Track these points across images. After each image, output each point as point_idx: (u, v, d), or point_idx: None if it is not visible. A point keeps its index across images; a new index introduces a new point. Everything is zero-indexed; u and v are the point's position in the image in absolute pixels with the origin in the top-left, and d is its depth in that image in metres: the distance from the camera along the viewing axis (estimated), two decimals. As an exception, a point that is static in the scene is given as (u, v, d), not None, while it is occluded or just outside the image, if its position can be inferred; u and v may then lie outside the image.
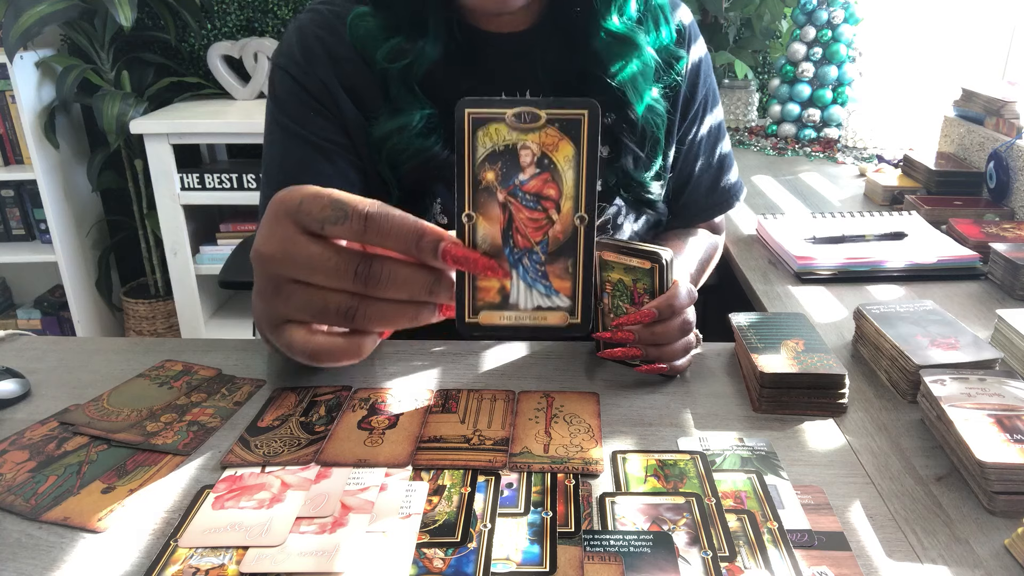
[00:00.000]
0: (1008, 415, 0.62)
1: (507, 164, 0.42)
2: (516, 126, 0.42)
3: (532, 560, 0.52)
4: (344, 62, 0.81)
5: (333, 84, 0.81)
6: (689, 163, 0.95)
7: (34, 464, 0.63)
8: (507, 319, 0.45)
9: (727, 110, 2.13)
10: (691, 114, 0.92)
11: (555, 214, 0.43)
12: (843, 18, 1.87)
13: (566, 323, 0.45)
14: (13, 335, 0.87)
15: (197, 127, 2.14)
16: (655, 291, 0.74)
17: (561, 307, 0.44)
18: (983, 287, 1.03)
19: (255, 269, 0.46)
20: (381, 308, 0.43)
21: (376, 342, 0.45)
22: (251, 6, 2.41)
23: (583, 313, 0.44)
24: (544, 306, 0.44)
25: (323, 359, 0.45)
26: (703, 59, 0.93)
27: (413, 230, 0.41)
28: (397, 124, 0.79)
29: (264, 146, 0.84)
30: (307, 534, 0.55)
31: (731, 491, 0.59)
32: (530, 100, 0.42)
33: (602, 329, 0.79)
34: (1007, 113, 1.41)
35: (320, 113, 0.81)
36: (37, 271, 2.60)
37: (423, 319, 0.44)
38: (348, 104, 0.81)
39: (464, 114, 0.41)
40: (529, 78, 0.82)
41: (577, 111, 0.42)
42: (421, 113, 0.79)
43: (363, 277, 0.42)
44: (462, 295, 0.44)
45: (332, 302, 0.43)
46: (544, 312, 0.45)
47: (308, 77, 0.81)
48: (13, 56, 2.10)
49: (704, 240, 0.98)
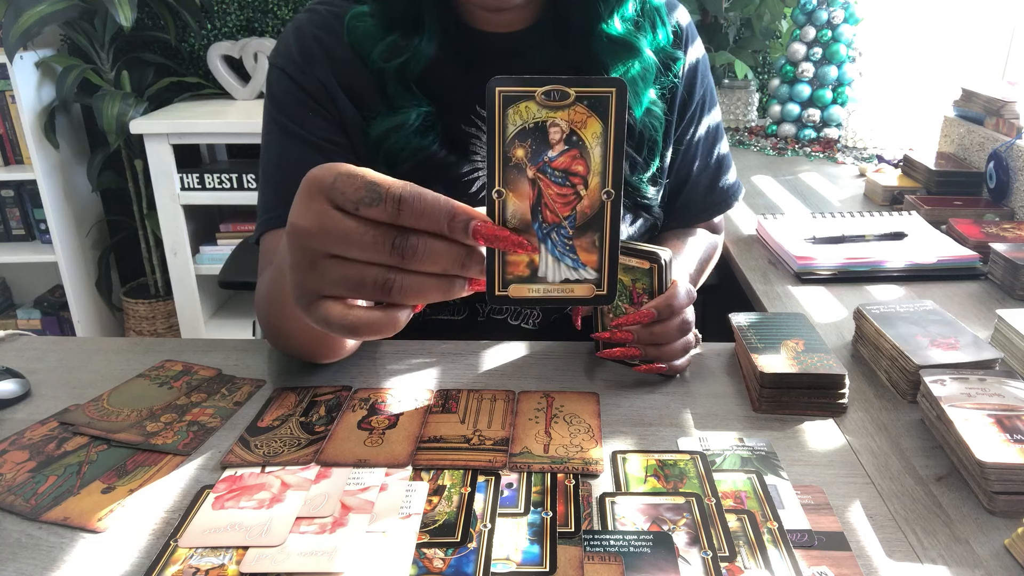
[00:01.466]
0: (1008, 415, 0.62)
1: (536, 141, 0.43)
2: (545, 104, 0.43)
3: (532, 560, 0.52)
4: (342, 62, 0.81)
5: (331, 83, 0.81)
6: (687, 164, 0.95)
7: (34, 464, 0.63)
8: (536, 292, 0.46)
9: (727, 110, 2.13)
10: (688, 115, 0.92)
11: (583, 190, 0.44)
12: (843, 18, 1.87)
13: (592, 294, 0.46)
14: (13, 335, 0.87)
15: (197, 127, 2.14)
16: (654, 291, 0.74)
17: (588, 279, 0.46)
18: (983, 287, 1.03)
19: (290, 244, 0.46)
20: (416, 281, 0.44)
21: (409, 316, 0.46)
22: (251, 6, 2.41)
23: (609, 284, 0.46)
24: (572, 279, 0.46)
25: (361, 332, 0.45)
26: (701, 60, 0.93)
27: (445, 210, 0.42)
28: (394, 122, 0.79)
29: (262, 146, 0.84)
30: (307, 534, 0.55)
31: (731, 491, 0.59)
32: (560, 78, 0.43)
33: (601, 329, 0.79)
34: (1007, 113, 1.41)
35: (318, 113, 0.81)
36: (37, 271, 2.60)
37: (455, 292, 0.45)
38: (346, 103, 0.81)
39: (495, 92, 0.42)
40: (525, 72, 0.82)
41: (605, 89, 0.43)
42: (418, 111, 0.79)
43: (400, 250, 0.43)
44: (492, 269, 0.45)
45: (369, 275, 0.43)
46: (572, 285, 0.46)
47: (305, 77, 0.81)
48: (13, 56, 2.10)
49: (703, 240, 0.98)
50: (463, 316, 0.91)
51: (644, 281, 0.74)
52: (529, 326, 0.92)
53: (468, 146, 0.84)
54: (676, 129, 0.92)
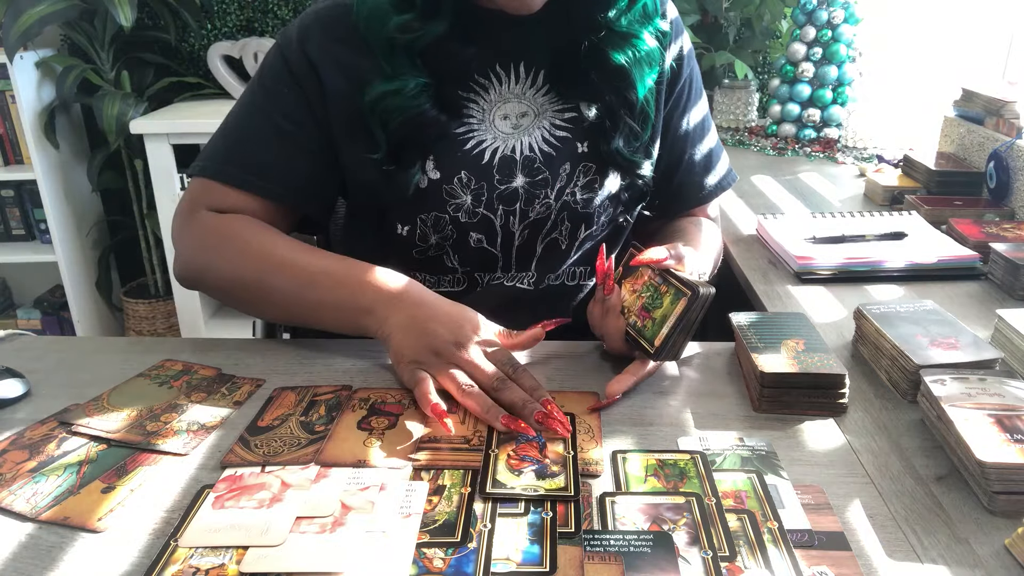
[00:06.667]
0: (1008, 415, 0.62)
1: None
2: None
3: (532, 560, 0.52)
4: (341, 41, 0.84)
5: (319, 58, 0.84)
6: (679, 146, 0.97)
7: (34, 464, 0.63)
8: None
9: (727, 110, 2.13)
10: (675, 98, 0.94)
11: None
12: (843, 18, 1.86)
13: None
14: (13, 335, 0.87)
15: (197, 127, 2.14)
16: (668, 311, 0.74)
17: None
18: (983, 287, 1.03)
19: (428, 342, 0.72)
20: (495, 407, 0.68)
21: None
22: (251, 6, 2.41)
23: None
24: None
25: (423, 407, 0.68)
26: (688, 50, 0.96)
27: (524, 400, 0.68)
28: (392, 87, 0.81)
29: (236, 101, 0.91)
30: (307, 534, 0.55)
31: (731, 491, 0.59)
32: None
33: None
34: (1007, 113, 1.41)
35: (292, 89, 0.85)
36: (37, 271, 2.60)
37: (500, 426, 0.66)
38: (335, 77, 0.84)
39: None
40: (530, 54, 0.86)
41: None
42: (416, 81, 0.82)
43: (498, 391, 0.69)
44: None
45: (477, 393, 0.69)
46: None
47: (292, 52, 0.85)
48: (13, 56, 2.10)
49: (714, 235, 0.99)
50: (463, 287, 0.94)
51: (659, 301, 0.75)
52: (525, 286, 0.93)
53: (461, 108, 0.86)
54: (665, 107, 0.94)
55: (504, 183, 0.87)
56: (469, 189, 0.86)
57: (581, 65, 0.85)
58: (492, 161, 0.86)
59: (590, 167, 0.89)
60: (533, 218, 0.89)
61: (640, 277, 0.79)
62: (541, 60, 0.86)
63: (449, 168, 0.86)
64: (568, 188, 0.88)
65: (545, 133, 0.88)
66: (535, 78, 0.87)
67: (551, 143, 0.88)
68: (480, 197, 0.87)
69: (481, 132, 0.86)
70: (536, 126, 0.87)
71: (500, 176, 0.87)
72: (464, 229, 0.88)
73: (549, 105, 0.88)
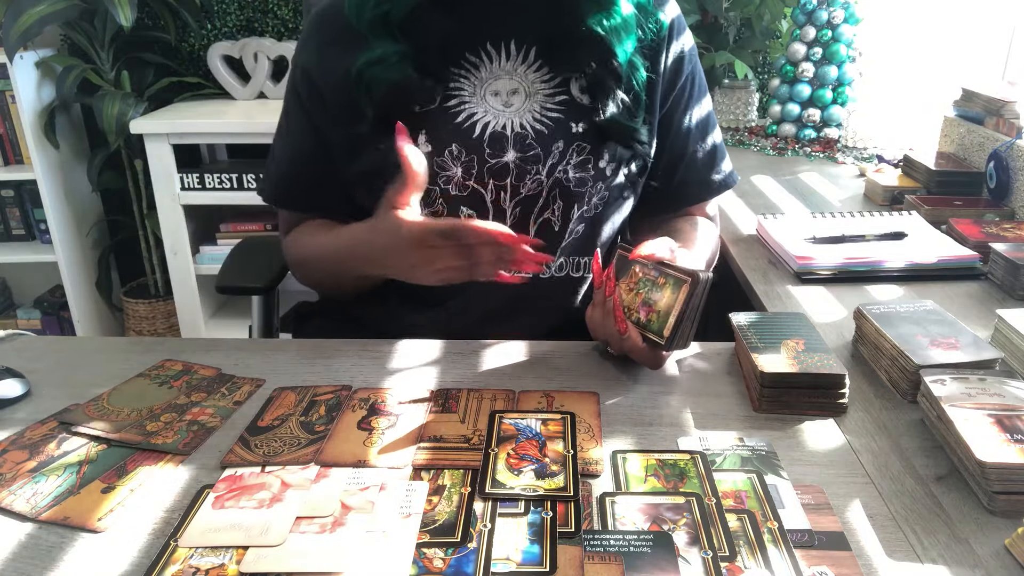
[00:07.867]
0: (1008, 415, 0.62)
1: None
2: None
3: (532, 560, 0.52)
4: (334, 43, 0.88)
5: (318, 63, 0.89)
6: (681, 141, 0.97)
7: (34, 464, 0.63)
8: None
9: (727, 110, 2.13)
10: (677, 91, 0.95)
11: None
12: (843, 18, 1.86)
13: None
14: (13, 335, 0.87)
15: (197, 127, 2.14)
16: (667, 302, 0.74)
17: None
18: (983, 287, 1.03)
19: (405, 271, 0.80)
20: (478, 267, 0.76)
21: None
22: (251, 6, 2.41)
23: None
24: None
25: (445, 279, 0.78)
26: (690, 48, 0.96)
27: (487, 232, 0.73)
28: (375, 55, 0.85)
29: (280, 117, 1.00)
30: (307, 534, 0.55)
31: (731, 491, 0.59)
32: None
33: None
34: (1007, 113, 1.41)
35: (303, 109, 0.93)
36: (37, 271, 2.60)
37: (490, 276, 0.75)
38: (327, 77, 0.89)
39: None
40: (521, 31, 0.88)
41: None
42: (396, 48, 0.85)
43: (466, 254, 0.75)
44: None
45: (454, 270, 0.76)
46: None
47: (297, 69, 0.92)
48: (13, 56, 2.10)
49: (709, 234, 0.99)
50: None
51: (656, 292, 0.75)
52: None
53: (450, 80, 0.88)
54: (665, 103, 0.94)
55: (495, 156, 0.87)
56: (460, 161, 0.87)
57: (561, 34, 0.87)
58: (483, 135, 0.87)
59: (584, 147, 0.89)
60: (524, 194, 0.89)
61: (633, 275, 0.79)
62: (532, 37, 0.88)
63: (440, 141, 0.87)
64: (560, 165, 0.88)
65: (536, 115, 0.88)
66: (526, 55, 0.88)
67: (543, 122, 0.88)
68: (471, 170, 0.87)
69: (472, 106, 0.88)
70: (527, 108, 0.88)
71: (491, 150, 0.87)
72: (455, 203, 0.88)
73: (541, 85, 0.88)
